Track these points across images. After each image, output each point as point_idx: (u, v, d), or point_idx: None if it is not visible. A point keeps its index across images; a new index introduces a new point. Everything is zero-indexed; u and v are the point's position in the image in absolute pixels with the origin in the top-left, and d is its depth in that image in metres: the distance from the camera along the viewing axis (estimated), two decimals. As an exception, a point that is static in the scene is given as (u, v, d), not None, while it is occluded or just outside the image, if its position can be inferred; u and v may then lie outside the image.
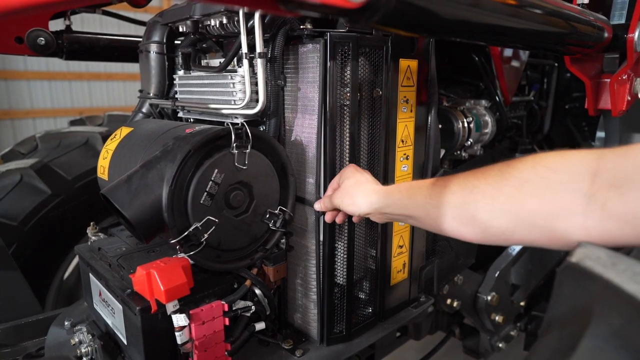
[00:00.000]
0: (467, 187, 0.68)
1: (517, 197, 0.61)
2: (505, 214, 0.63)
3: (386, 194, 0.85)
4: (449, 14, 0.69)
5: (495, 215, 0.64)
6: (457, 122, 1.42)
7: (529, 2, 0.86)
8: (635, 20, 1.10)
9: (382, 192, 0.86)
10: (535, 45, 1.16)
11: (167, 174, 0.85)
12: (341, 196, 0.93)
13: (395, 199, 0.83)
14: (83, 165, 1.84)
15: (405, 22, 0.62)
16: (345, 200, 0.92)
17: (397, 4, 0.54)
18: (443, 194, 0.71)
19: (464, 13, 0.72)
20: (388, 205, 0.84)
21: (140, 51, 1.31)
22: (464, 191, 0.68)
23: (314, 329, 1.15)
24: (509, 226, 0.63)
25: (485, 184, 0.66)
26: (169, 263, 0.93)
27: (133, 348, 0.99)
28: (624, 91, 1.24)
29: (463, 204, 0.68)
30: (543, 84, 2.06)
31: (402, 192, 0.82)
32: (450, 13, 0.69)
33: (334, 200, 0.94)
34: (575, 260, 0.54)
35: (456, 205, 0.69)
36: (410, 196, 0.79)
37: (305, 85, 1.02)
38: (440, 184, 0.73)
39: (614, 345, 0.45)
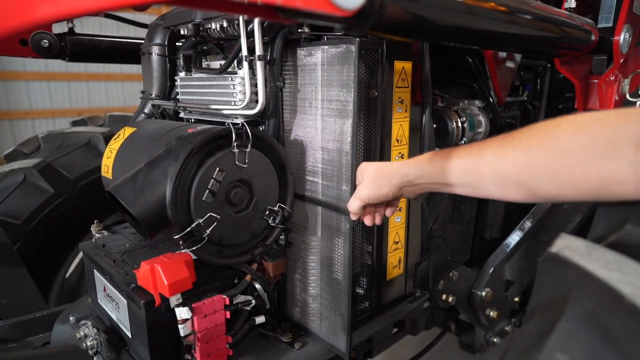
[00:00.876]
0: (507, 157, 0.68)
1: (564, 168, 0.61)
2: (553, 183, 0.63)
3: (417, 165, 0.84)
4: (441, 20, 0.72)
5: (543, 183, 0.64)
6: (451, 121, 1.46)
7: (519, 8, 0.90)
8: (620, 24, 1.14)
9: (411, 164, 0.85)
10: (525, 48, 1.20)
11: (170, 172, 0.88)
12: (368, 184, 0.89)
13: (428, 169, 0.81)
14: (85, 165, 1.87)
15: (397, 28, 0.65)
16: (374, 184, 0.88)
17: (388, 11, 0.58)
18: (481, 164, 0.71)
19: (455, 19, 0.75)
20: (421, 175, 0.82)
21: (143, 53, 1.35)
22: (505, 162, 0.68)
23: (313, 323, 1.19)
24: (558, 193, 0.64)
25: (525, 155, 0.65)
26: (172, 258, 0.97)
27: (137, 341, 1.03)
28: (612, 92, 1.28)
29: (507, 175, 0.68)
30: (536, 85, 2.10)
31: (435, 161, 0.80)
32: (441, 19, 0.73)
33: (362, 194, 0.90)
34: (555, 251, 0.58)
35: (499, 175, 0.69)
36: (445, 165, 0.78)
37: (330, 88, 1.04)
38: (476, 153, 0.73)
39: (586, 326, 0.49)
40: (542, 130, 0.64)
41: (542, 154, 0.63)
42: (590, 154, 0.58)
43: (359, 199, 0.91)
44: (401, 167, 0.86)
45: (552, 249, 0.58)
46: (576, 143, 0.59)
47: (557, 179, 0.62)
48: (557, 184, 0.63)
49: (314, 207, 1.14)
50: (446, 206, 1.63)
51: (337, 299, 1.13)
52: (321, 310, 1.19)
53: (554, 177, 0.62)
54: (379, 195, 0.88)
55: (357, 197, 0.91)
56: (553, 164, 0.62)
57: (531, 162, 0.64)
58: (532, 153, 0.64)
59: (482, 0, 0.78)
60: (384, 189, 0.87)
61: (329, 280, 1.16)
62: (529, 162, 0.65)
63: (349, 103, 1.00)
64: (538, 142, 0.64)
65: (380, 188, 0.87)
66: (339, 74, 1.01)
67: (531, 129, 0.67)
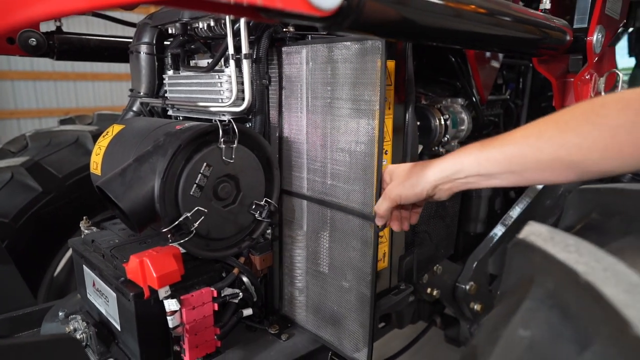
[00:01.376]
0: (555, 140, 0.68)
1: (615, 145, 0.63)
2: (605, 160, 0.65)
3: (455, 159, 0.81)
4: (419, 20, 0.75)
5: (595, 161, 0.65)
6: (434, 119, 1.50)
7: (495, 9, 0.94)
8: (593, 25, 1.19)
9: (448, 159, 0.82)
10: (503, 48, 1.24)
11: (158, 167, 0.91)
12: (399, 183, 0.86)
13: (468, 161, 0.78)
14: (73, 163, 1.88)
15: (375, 27, 0.69)
16: (407, 182, 0.85)
17: (366, 10, 0.61)
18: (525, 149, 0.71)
19: (434, 19, 0.78)
20: (460, 169, 0.79)
21: (131, 52, 1.36)
22: (552, 145, 0.68)
23: (299, 315, 1.22)
24: (610, 169, 0.66)
25: (575, 135, 0.66)
26: (161, 252, 0.99)
27: (127, 333, 1.05)
28: (587, 89, 1.33)
29: (555, 157, 0.68)
30: (519, 84, 2.15)
31: (474, 153, 0.78)
32: (420, 19, 0.75)
33: (393, 194, 0.87)
34: (522, 237, 0.61)
35: (548, 158, 0.69)
36: (486, 156, 0.76)
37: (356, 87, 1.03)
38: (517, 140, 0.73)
39: (547, 305, 0.53)
40: (589, 109, 0.66)
41: (593, 132, 0.64)
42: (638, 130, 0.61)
43: (389, 199, 0.87)
44: (438, 163, 0.83)
45: (519, 235, 0.62)
46: (624, 119, 0.62)
47: (609, 155, 0.64)
48: (609, 160, 0.64)
49: (300, 202, 1.17)
50: (430, 202, 1.67)
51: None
52: (307, 302, 1.22)
53: (606, 153, 0.64)
54: (412, 194, 0.84)
55: (387, 197, 0.87)
56: (604, 141, 0.63)
57: (582, 141, 0.65)
58: (582, 133, 0.65)
59: (460, 2, 0.82)
60: (418, 187, 0.83)
61: (316, 273, 1.19)
62: (579, 142, 0.65)
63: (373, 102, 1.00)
64: (587, 122, 0.65)
65: (414, 186, 0.84)
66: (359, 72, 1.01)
67: (576, 110, 0.68)
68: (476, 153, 0.77)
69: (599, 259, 0.50)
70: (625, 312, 0.41)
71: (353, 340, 1.13)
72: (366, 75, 1.06)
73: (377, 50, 0.94)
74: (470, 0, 0.82)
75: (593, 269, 0.49)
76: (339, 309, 1.23)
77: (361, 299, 1.13)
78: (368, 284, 1.30)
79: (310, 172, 1.14)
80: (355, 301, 1.13)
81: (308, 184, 1.15)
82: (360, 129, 1.13)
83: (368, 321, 1.11)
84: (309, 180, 1.14)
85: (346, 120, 1.15)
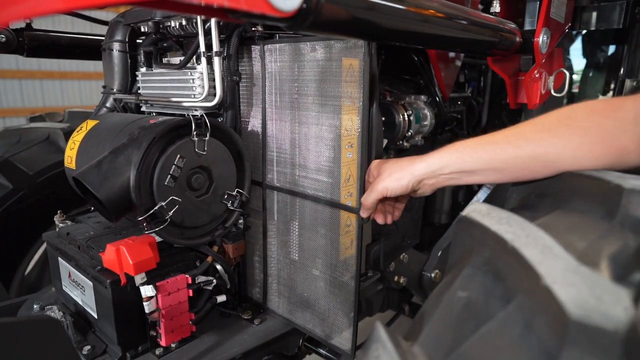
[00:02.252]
0: (533, 139, 0.76)
1: (585, 144, 0.72)
2: (578, 159, 0.73)
3: (441, 156, 0.86)
4: (372, 21, 0.82)
5: (569, 159, 0.74)
6: (398, 115, 1.58)
7: (449, 12, 1.02)
8: (539, 27, 1.29)
9: (435, 155, 0.87)
10: (458, 48, 1.33)
11: (134, 159, 0.95)
12: (387, 176, 0.91)
13: (452, 158, 0.84)
14: (45, 160, 1.88)
15: (333, 27, 0.75)
16: (393, 176, 0.90)
17: (324, 12, 0.68)
18: (507, 148, 0.78)
19: (388, 20, 0.86)
20: (445, 165, 0.85)
21: (104, 49, 1.39)
22: (530, 144, 0.76)
23: (271, 301, 1.28)
24: (581, 166, 0.74)
25: (552, 136, 0.74)
26: (137, 240, 1.04)
27: (104, 320, 1.08)
28: (537, 87, 1.44)
29: (533, 157, 0.76)
30: (480, 82, 2.27)
31: (459, 151, 0.84)
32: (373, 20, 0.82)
33: (380, 187, 0.91)
34: (465, 214, 0.69)
35: (527, 156, 0.77)
36: (470, 153, 0.83)
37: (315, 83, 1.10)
38: (500, 140, 0.80)
39: (483, 270, 0.61)
40: (563, 114, 0.76)
41: (566, 133, 0.73)
42: (604, 131, 0.71)
43: (376, 192, 0.92)
44: (424, 159, 0.88)
45: (462, 213, 0.70)
46: (592, 121, 0.72)
47: (581, 155, 0.73)
48: (581, 159, 0.73)
49: (271, 192, 1.23)
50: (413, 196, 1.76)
51: (297, 279, 1.23)
52: (279, 289, 1.29)
53: (578, 152, 0.73)
54: (398, 186, 0.90)
55: (375, 190, 0.92)
56: (576, 140, 0.73)
57: (557, 141, 0.74)
58: (557, 133, 0.74)
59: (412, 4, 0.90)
60: (404, 180, 0.89)
61: (288, 261, 1.25)
62: (555, 142, 0.74)
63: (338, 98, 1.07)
64: (561, 124, 0.75)
65: (400, 180, 0.89)
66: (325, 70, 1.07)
67: (552, 115, 0.77)
68: (461, 150, 0.84)
69: (524, 228, 0.58)
70: (538, 268, 0.49)
71: (328, 324, 1.20)
72: (332, 73, 1.13)
73: (342, 49, 1.01)
74: (423, 2, 0.90)
75: (518, 236, 0.57)
76: (309, 295, 1.29)
77: (331, 285, 1.19)
78: (337, 270, 1.37)
79: (279, 165, 1.20)
80: (325, 286, 1.20)
81: (278, 175, 1.21)
82: (326, 123, 1.20)
83: (339, 306, 1.18)
84: (279, 172, 1.20)
85: (313, 115, 1.22)
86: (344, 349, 1.16)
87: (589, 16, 1.79)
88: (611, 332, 0.41)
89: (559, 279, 0.47)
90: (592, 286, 0.45)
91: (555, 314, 0.45)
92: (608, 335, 0.41)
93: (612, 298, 0.43)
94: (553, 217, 0.69)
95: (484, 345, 0.50)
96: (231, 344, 1.15)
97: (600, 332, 0.41)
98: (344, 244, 1.40)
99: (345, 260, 1.42)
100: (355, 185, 1.38)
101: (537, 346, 0.47)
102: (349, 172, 1.23)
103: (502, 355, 0.48)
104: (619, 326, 0.41)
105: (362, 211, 1.02)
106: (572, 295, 0.44)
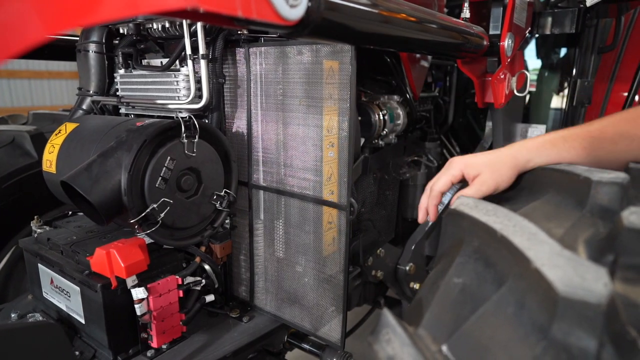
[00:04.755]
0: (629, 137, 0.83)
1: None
2: None
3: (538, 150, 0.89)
4: (363, 29, 0.87)
5: None
6: (374, 114, 1.64)
7: (426, 18, 1.08)
8: (505, 32, 1.39)
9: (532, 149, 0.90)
10: (433, 51, 1.41)
11: (124, 162, 0.95)
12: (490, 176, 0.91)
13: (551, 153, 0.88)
14: (11, 164, 1.80)
15: (327, 34, 0.79)
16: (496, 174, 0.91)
17: (321, 21, 0.72)
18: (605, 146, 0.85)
19: (374, 28, 0.91)
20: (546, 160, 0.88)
21: (79, 50, 1.37)
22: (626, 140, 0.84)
23: (259, 299, 1.31)
24: None
25: None
26: (127, 243, 1.04)
27: (93, 325, 1.08)
28: (503, 87, 1.54)
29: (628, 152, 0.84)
30: (446, 82, 2.37)
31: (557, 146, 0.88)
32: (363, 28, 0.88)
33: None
34: (453, 207, 0.75)
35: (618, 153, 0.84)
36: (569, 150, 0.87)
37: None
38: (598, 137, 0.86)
39: (474, 258, 0.67)
40: None
41: None
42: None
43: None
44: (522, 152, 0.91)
45: (451, 206, 0.76)
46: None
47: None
48: None
49: (257, 192, 1.25)
50: (372, 191, 1.82)
51: (284, 276, 1.26)
52: (266, 286, 1.31)
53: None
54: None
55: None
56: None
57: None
58: None
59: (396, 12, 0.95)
60: (505, 176, 0.90)
61: (275, 259, 1.28)
62: None
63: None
64: None
65: (502, 176, 0.90)
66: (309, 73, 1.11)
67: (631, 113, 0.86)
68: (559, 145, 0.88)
69: (510, 218, 0.64)
70: (527, 254, 0.55)
71: (316, 318, 1.24)
72: (315, 75, 1.17)
73: (325, 53, 1.05)
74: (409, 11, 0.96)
75: (506, 225, 0.63)
76: (297, 290, 1.33)
77: (319, 279, 1.24)
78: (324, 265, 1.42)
79: (265, 165, 1.22)
80: (312, 281, 1.24)
81: (264, 175, 1.24)
82: (310, 123, 1.24)
83: (327, 300, 1.22)
84: (265, 172, 1.23)
85: (297, 115, 1.25)
86: (333, 341, 1.20)
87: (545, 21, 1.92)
88: (595, 305, 0.47)
89: (547, 262, 0.53)
90: (575, 267, 0.52)
91: (545, 293, 0.51)
92: (592, 307, 0.47)
93: (594, 276, 0.50)
94: (531, 208, 0.76)
95: (483, 325, 0.56)
96: (222, 342, 1.16)
97: (585, 306, 0.48)
98: (327, 240, 1.44)
99: (330, 255, 1.47)
100: (336, 183, 1.43)
101: (530, 322, 0.53)
102: (330, 171, 1.28)
103: (499, 332, 0.54)
104: (601, 300, 0.47)
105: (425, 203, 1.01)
106: (559, 276, 0.51)
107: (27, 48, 0.45)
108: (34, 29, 0.45)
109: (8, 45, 0.44)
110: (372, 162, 1.66)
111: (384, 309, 0.60)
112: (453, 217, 0.75)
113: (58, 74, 6.56)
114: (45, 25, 0.45)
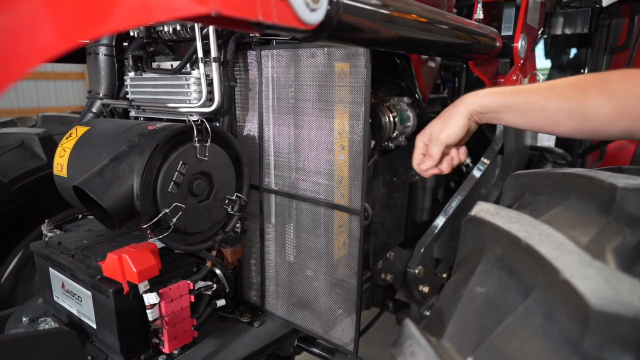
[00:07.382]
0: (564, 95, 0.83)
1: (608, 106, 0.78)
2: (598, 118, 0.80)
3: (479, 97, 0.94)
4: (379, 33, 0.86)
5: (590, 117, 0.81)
6: (384, 116, 1.62)
7: (440, 20, 1.07)
8: (518, 33, 1.37)
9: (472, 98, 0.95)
10: (446, 53, 1.39)
11: (137, 166, 0.94)
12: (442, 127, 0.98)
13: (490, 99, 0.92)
14: (20, 167, 1.81)
15: (344, 38, 0.78)
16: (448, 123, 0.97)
17: (340, 25, 0.70)
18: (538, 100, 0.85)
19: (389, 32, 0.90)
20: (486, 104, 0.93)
21: (89, 53, 1.36)
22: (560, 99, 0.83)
23: (270, 303, 1.29)
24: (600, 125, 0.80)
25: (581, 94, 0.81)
26: (138, 248, 1.03)
27: (104, 330, 1.07)
28: (515, 89, 1.52)
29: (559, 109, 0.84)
30: (455, 83, 2.35)
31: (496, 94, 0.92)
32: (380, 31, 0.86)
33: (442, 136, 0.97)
34: (474, 214, 0.74)
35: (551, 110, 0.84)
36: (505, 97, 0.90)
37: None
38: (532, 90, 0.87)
39: (496, 267, 0.65)
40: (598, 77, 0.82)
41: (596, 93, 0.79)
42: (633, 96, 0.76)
43: (440, 143, 0.99)
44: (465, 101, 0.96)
45: (471, 213, 0.75)
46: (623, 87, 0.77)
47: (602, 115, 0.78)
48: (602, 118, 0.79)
49: (269, 196, 1.24)
50: (382, 194, 1.81)
51: (295, 280, 1.25)
52: (277, 291, 1.30)
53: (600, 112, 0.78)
54: (457, 130, 0.97)
55: (438, 142, 0.99)
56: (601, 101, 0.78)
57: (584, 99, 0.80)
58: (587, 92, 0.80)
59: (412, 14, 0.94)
60: (460, 121, 0.96)
61: (286, 263, 1.27)
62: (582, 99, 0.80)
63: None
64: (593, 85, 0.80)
65: (456, 123, 0.96)
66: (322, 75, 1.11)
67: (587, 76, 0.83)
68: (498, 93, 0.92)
69: (534, 226, 0.63)
70: (555, 264, 0.54)
71: (329, 323, 1.22)
72: (327, 78, 1.16)
73: (338, 56, 1.03)
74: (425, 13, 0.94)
75: (531, 234, 0.61)
76: (309, 295, 1.32)
77: (331, 284, 1.22)
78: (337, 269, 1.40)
79: (277, 168, 1.21)
80: (325, 286, 1.23)
81: (275, 179, 1.22)
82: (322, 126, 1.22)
83: (340, 304, 1.21)
84: (276, 176, 1.22)
85: (309, 119, 1.24)
86: (346, 345, 1.19)
87: (557, 21, 1.90)
88: (630, 320, 0.46)
89: (576, 273, 0.52)
90: (607, 278, 0.50)
91: (575, 305, 0.50)
92: (628, 322, 0.46)
93: (628, 288, 0.48)
94: (553, 215, 0.75)
95: (509, 336, 0.54)
96: (233, 347, 1.15)
97: (620, 320, 0.46)
98: (338, 244, 1.43)
99: (341, 259, 1.45)
100: (347, 187, 1.42)
101: (559, 335, 0.51)
102: (341, 174, 1.26)
103: (527, 344, 0.52)
104: (637, 314, 0.46)
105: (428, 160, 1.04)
106: (590, 287, 0.49)
107: (43, 61, 0.44)
108: (50, 41, 0.44)
109: (24, 58, 0.43)
110: (382, 164, 1.65)
111: (407, 319, 0.59)
112: (473, 224, 0.74)
113: (64, 75, 6.57)
114: (61, 37, 0.44)
